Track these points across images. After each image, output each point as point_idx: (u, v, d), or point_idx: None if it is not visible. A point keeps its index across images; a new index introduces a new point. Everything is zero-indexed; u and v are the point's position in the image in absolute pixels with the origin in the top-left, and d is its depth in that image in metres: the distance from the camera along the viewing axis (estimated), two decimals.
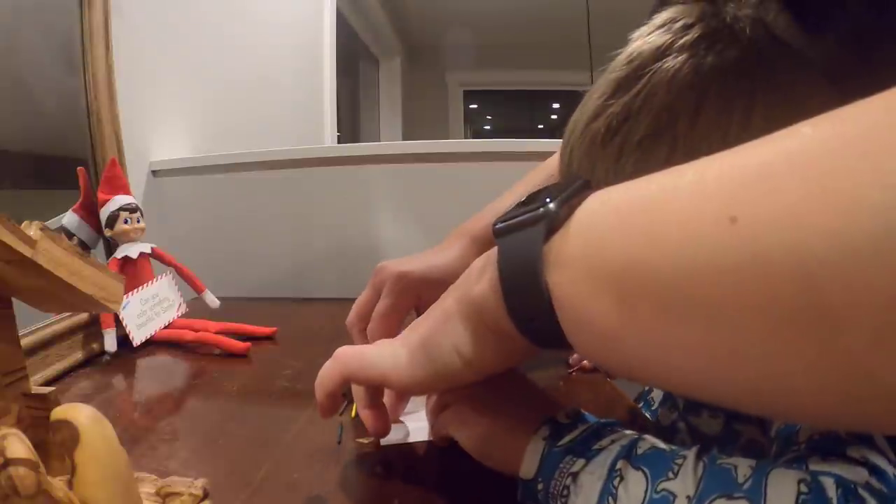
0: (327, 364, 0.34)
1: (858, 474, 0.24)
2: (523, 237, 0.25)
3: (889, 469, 0.25)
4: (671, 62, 0.33)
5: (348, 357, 0.34)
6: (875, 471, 0.24)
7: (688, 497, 0.25)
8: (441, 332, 0.30)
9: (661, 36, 0.34)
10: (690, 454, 0.27)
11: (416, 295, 0.48)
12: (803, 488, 0.23)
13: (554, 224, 0.24)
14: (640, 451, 0.28)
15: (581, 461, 0.29)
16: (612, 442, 0.30)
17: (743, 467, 0.25)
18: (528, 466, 0.31)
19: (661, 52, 0.33)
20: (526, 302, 0.25)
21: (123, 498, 0.24)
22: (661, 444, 0.29)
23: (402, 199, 0.95)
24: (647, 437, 0.30)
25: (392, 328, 0.47)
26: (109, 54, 0.74)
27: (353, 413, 0.45)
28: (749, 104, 0.31)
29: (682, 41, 0.33)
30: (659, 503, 0.26)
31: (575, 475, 0.29)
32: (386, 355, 0.32)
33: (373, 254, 0.95)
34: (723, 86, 0.31)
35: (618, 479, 0.27)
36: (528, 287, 0.24)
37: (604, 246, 0.22)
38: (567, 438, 0.31)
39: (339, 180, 0.95)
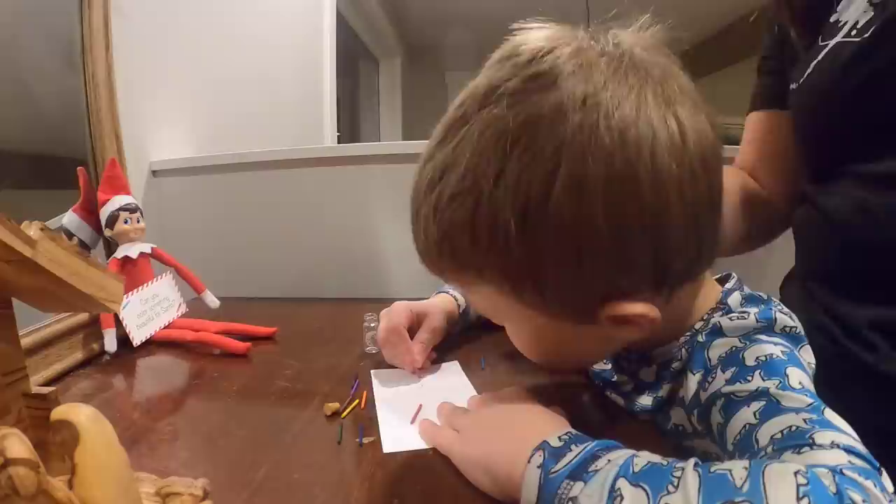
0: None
1: (838, 458, 0.26)
2: None
3: (855, 443, 0.27)
4: (487, 114, 0.34)
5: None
6: (849, 450, 0.27)
7: None
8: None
9: (497, 72, 0.35)
10: (688, 466, 0.27)
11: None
12: (801, 479, 0.24)
13: None
14: (637, 468, 0.28)
15: (579, 484, 0.29)
16: (608, 462, 0.29)
17: (738, 470, 0.26)
18: (527, 497, 0.31)
19: (485, 98, 0.34)
20: None
21: (123, 498, 0.24)
22: (657, 458, 0.29)
23: (402, 199, 0.95)
24: (643, 453, 0.30)
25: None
26: (109, 54, 0.74)
27: (345, 414, 0.46)
28: (552, 171, 0.32)
29: (510, 84, 0.34)
30: None
31: (574, 499, 0.29)
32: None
33: (373, 254, 0.95)
34: (531, 142, 0.32)
35: (618, 498, 0.27)
36: None
37: None
38: (562, 463, 0.31)
39: (339, 180, 0.95)
